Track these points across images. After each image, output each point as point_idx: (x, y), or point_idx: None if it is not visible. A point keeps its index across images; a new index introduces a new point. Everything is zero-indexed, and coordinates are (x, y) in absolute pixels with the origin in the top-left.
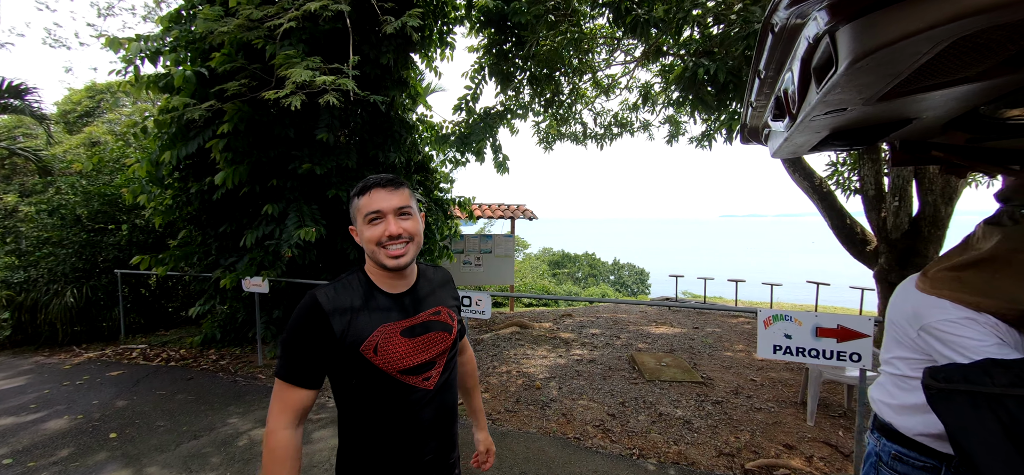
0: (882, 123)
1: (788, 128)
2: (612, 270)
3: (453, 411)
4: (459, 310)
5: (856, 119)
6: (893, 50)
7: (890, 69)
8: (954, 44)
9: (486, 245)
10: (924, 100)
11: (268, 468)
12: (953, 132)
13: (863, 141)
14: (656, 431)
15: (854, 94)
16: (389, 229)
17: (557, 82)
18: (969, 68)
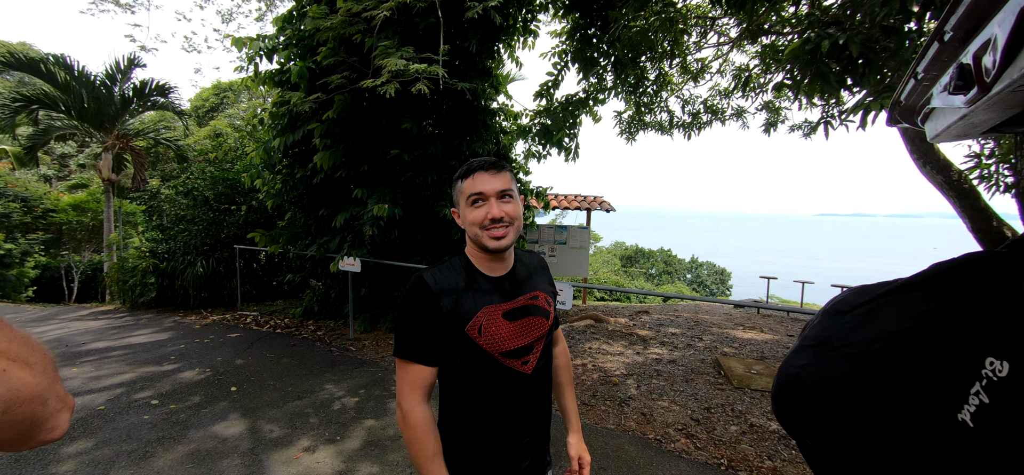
0: None
1: (970, 104)
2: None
3: (548, 401)
4: (555, 296)
5: None
6: None
7: None
8: None
9: (560, 236)
10: None
11: (415, 443)
12: None
13: None
14: (747, 443)
15: None
16: (491, 212)
17: (642, 67)
18: None
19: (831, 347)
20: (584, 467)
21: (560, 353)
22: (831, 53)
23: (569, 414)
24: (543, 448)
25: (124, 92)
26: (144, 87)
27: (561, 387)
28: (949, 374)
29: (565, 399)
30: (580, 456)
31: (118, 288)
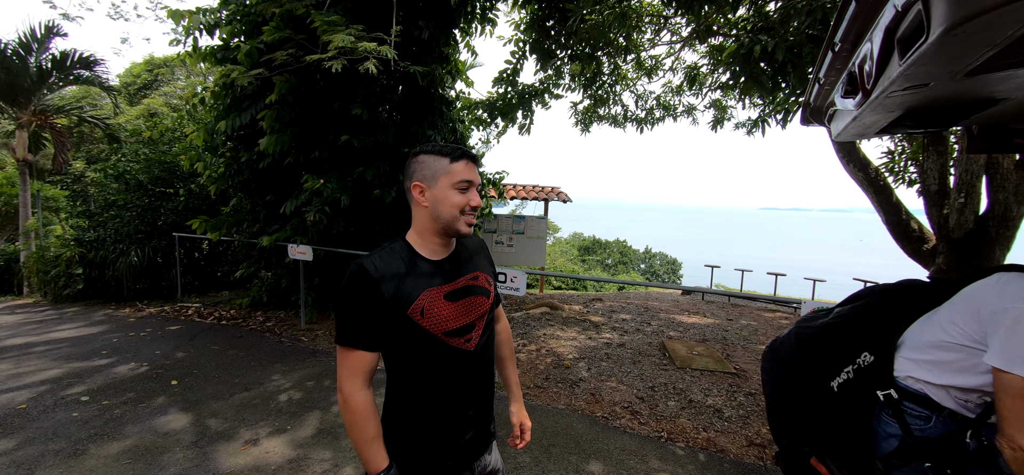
0: (964, 103)
1: (858, 106)
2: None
3: (490, 373)
4: (495, 276)
5: (936, 97)
6: (995, 15)
7: (987, 38)
8: None
9: (518, 226)
10: (1015, 77)
11: (356, 427)
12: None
13: (939, 123)
14: (685, 417)
15: (942, 67)
16: (473, 200)
17: (599, 61)
18: None
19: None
20: (525, 432)
21: (501, 329)
22: (762, 57)
23: (511, 386)
24: (487, 418)
25: (41, 64)
26: (65, 58)
27: (503, 361)
28: (839, 357)
29: (507, 372)
30: (521, 423)
31: (38, 280)
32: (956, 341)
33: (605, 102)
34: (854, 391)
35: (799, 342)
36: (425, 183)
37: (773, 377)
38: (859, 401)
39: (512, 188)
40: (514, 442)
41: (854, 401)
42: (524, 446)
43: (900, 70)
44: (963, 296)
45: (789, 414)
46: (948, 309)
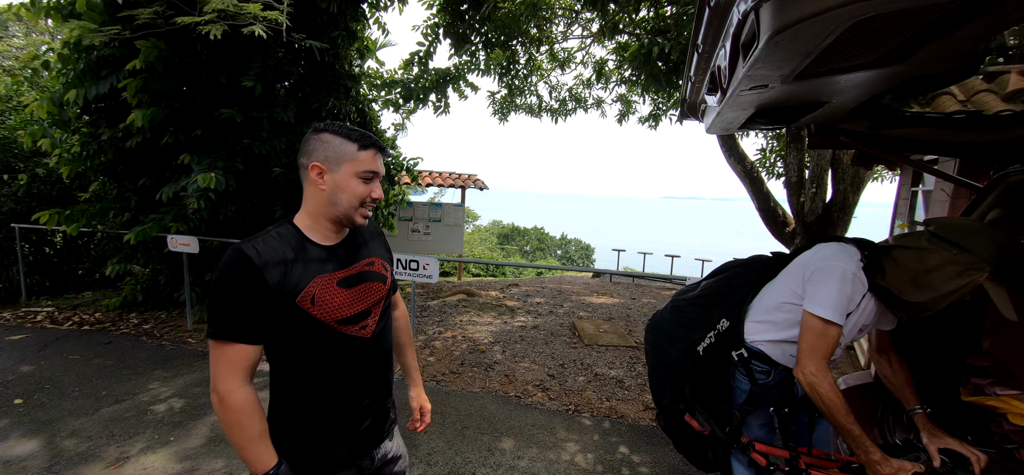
0: (800, 104)
1: (719, 103)
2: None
3: (389, 358)
4: (392, 262)
5: (777, 98)
6: (803, 27)
7: (801, 47)
8: (851, 28)
9: (435, 213)
10: (832, 83)
11: (237, 426)
12: (858, 119)
13: (784, 121)
14: (591, 390)
15: (773, 70)
16: (375, 193)
17: (513, 50)
18: (865, 54)
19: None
20: (425, 415)
21: (400, 316)
22: (659, 57)
23: (410, 370)
24: (385, 405)
25: None
26: None
27: (402, 347)
28: (704, 325)
29: (406, 358)
30: (421, 406)
31: None
32: (788, 301)
33: (521, 91)
34: (715, 353)
35: (674, 314)
36: (326, 166)
37: (653, 346)
38: (719, 361)
39: (428, 175)
40: (414, 425)
41: (715, 362)
42: (424, 429)
43: (743, 72)
44: (794, 264)
45: (667, 378)
46: (783, 276)
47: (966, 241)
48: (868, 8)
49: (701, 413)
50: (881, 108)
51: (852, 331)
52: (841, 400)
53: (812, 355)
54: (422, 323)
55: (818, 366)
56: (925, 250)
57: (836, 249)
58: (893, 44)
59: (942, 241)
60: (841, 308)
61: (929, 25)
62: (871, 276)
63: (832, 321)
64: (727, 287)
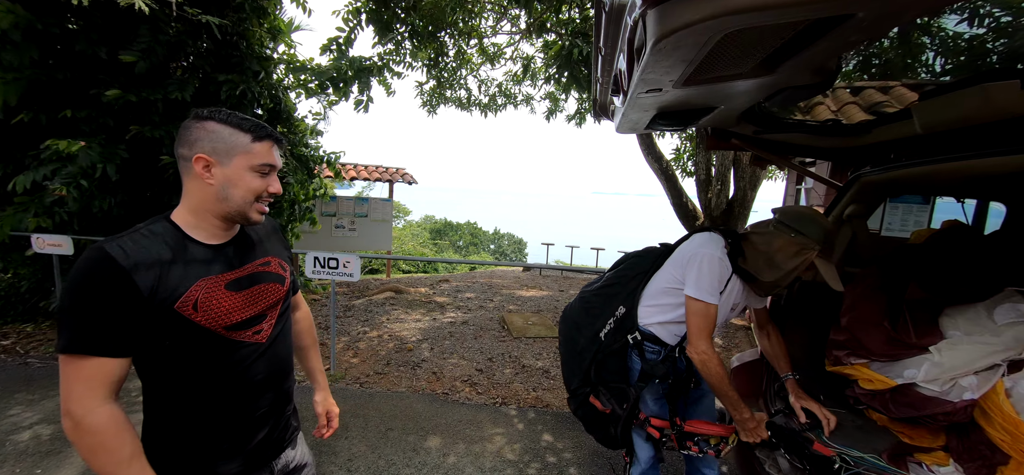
0: (695, 108)
1: (623, 104)
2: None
3: (287, 364)
4: (291, 260)
5: (673, 101)
6: (683, 35)
7: (684, 54)
8: (724, 39)
9: (361, 209)
10: (718, 90)
11: (102, 451)
12: (745, 124)
13: (683, 123)
14: (519, 381)
15: (663, 75)
16: (273, 186)
17: (442, 42)
18: (739, 64)
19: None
20: (332, 419)
21: (301, 317)
22: (580, 59)
23: (315, 374)
24: (284, 412)
25: None
26: None
27: (305, 350)
28: (605, 312)
29: (310, 361)
30: (328, 410)
31: None
32: (671, 286)
33: (450, 84)
34: (614, 338)
35: (581, 304)
36: (214, 158)
37: (564, 336)
38: (618, 345)
39: (353, 168)
40: (320, 432)
41: (615, 346)
42: (331, 434)
43: (638, 75)
44: (676, 253)
45: (576, 364)
46: (668, 264)
47: (801, 226)
48: (734, 22)
49: (604, 394)
50: (764, 114)
51: (725, 309)
52: (723, 372)
53: (700, 335)
54: (345, 323)
55: (707, 344)
56: (771, 235)
57: (705, 238)
58: (761, 57)
59: (783, 227)
60: (714, 289)
61: (787, 42)
62: (734, 260)
63: (709, 301)
64: (624, 277)
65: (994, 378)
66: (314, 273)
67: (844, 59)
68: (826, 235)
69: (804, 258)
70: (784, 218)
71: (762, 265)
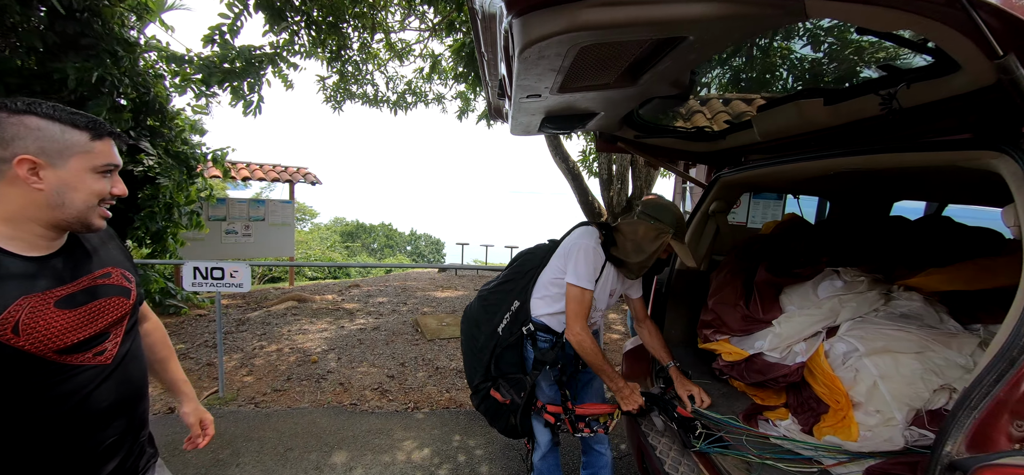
0: (579, 113)
1: (510, 108)
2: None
3: (140, 386)
4: (135, 270)
5: (558, 106)
6: (544, 46)
7: (549, 64)
8: (586, 52)
9: (256, 211)
10: (592, 98)
11: None
12: (627, 128)
13: (569, 127)
14: (432, 384)
15: (537, 81)
16: (118, 188)
17: (344, 35)
18: (605, 75)
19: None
20: (207, 427)
21: (152, 329)
22: None
23: (178, 385)
24: (138, 440)
25: None
26: None
27: (163, 362)
28: (502, 308)
29: (170, 373)
30: (201, 420)
31: None
32: (557, 277)
33: (356, 79)
34: (510, 331)
35: (480, 303)
36: (44, 159)
37: (465, 334)
38: (514, 338)
39: (246, 168)
40: (194, 443)
41: (511, 338)
42: (207, 443)
43: (515, 81)
44: (560, 247)
45: (477, 360)
46: (554, 257)
47: (658, 214)
48: (586, 37)
49: (503, 385)
50: (641, 120)
51: (604, 294)
52: (597, 349)
53: (575, 318)
54: (238, 340)
55: (581, 326)
56: (636, 224)
57: (583, 231)
58: (620, 69)
59: (645, 216)
60: (589, 276)
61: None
62: (607, 248)
63: (584, 287)
64: (517, 273)
65: (817, 343)
66: (195, 286)
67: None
68: (677, 220)
69: (662, 241)
70: (645, 209)
71: (630, 250)
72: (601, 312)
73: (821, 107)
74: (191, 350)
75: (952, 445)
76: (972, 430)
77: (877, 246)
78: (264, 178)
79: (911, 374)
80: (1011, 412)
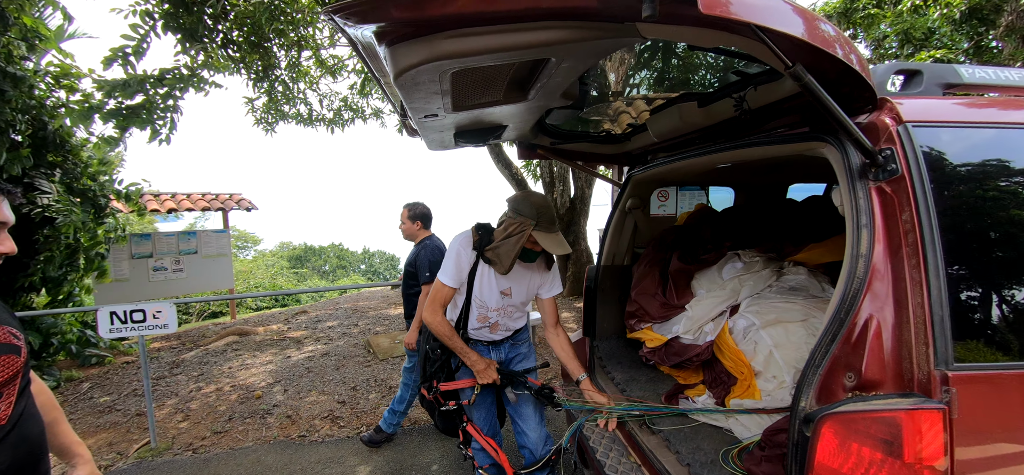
0: (489, 126)
1: (418, 125)
2: (363, 259)
3: (39, 446)
4: (20, 328)
5: (464, 122)
6: (416, 72)
7: (429, 88)
8: (459, 75)
9: (187, 244)
10: (493, 113)
11: None
12: (542, 136)
13: (484, 139)
14: (384, 404)
15: (427, 103)
16: (4, 246)
17: (269, 53)
18: (491, 94)
19: None
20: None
21: (38, 392)
22: None
23: (71, 447)
24: None
25: None
26: None
27: (54, 424)
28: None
29: (60, 437)
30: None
31: None
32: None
33: (288, 99)
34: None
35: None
36: None
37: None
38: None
39: (170, 198)
40: None
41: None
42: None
43: (408, 104)
44: None
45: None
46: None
47: (519, 207)
48: (450, 65)
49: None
50: (554, 128)
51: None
52: (445, 331)
53: (429, 305)
54: (172, 384)
55: (432, 311)
56: (504, 220)
57: (459, 235)
58: (501, 88)
59: (511, 211)
60: (451, 273)
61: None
62: (482, 248)
63: (443, 282)
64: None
65: (723, 321)
66: (113, 332)
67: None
68: (537, 210)
69: (525, 232)
70: (510, 203)
71: (498, 245)
72: (497, 309)
73: (696, 109)
74: (118, 401)
75: (805, 401)
76: (818, 385)
77: (770, 227)
78: (193, 208)
79: (798, 340)
80: (843, 366)
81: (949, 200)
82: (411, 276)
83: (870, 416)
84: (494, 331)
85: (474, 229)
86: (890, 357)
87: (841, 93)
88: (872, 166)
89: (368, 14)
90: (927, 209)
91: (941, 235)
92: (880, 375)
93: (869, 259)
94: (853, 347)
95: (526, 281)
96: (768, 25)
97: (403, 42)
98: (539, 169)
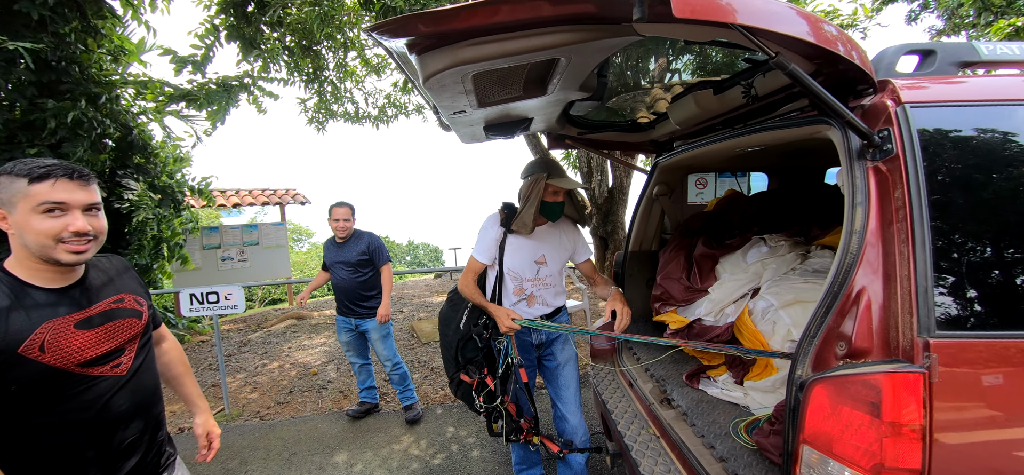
0: (517, 119)
1: (449, 121)
2: (408, 250)
3: (153, 392)
4: (147, 296)
5: (494, 116)
6: (442, 76)
7: (455, 88)
8: (478, 77)
9: (250, 236)
10: (517, 107)
11: None
12: (569, 127)
13: (513, 132)
14: (427, 384)
15: (453, 102)
16: (75, 225)
17: (319, 56)
18: (511, 91)
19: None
20: (213, 441)
21: (169, 348)
22: None
23: (193, 398)
24: (156, 439)
25: None
26: None
27: (179, 378)
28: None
29: (186, 388)
30: (208, 433)
31: None
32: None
33: (337, 98)
34: (470, 323)
35: (449, 303)
36: (6, 210)
37: (440, 332)
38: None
39: (234, 194)
40: (202, 455)
41: (472, 329)
42: (214, 456)
43: (438, 103)
44: None
45: (449, 354)
46: None
47: (529, 168)
48: (472, 68)
49: (470, 369)
50: (579, 118)
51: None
52: (471, 292)
53: (463, 276)
54: (241, 360)
55: (465, 281)
56: (522, 184)
57: (489, 215)
58: (519, 86)
59: (522, 177)
60: (482, 249)
61: (536, 75)
62: (509, 223)
63: (475, 257)
64: None
65: (744, 304)
66: (192, 311)
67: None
68: (545, 164)
69: (540, 186)
70: (525, 170)
71: (522, 209)
72: (532, 280)
73: (712, 96)
74: (196, 374)
75: (801, 369)
76: (813, 355)
77: (801, 211)
78: (254, 202)
79: None
80: (836, 337)
81: (940, 177)
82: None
83: (857, 379)
84: (531, 304)
85: (501, 208)
86: (878, 326)
87: (845, 77)
88: (869, 147)
89: (399, 30)
90: (917, 186)
91: (929, 210)
92: (868, 343)
93: (862, 235)
94: (845, 318)
95: (557, 245)
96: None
97: (429, 51)
98: (578, 160)
